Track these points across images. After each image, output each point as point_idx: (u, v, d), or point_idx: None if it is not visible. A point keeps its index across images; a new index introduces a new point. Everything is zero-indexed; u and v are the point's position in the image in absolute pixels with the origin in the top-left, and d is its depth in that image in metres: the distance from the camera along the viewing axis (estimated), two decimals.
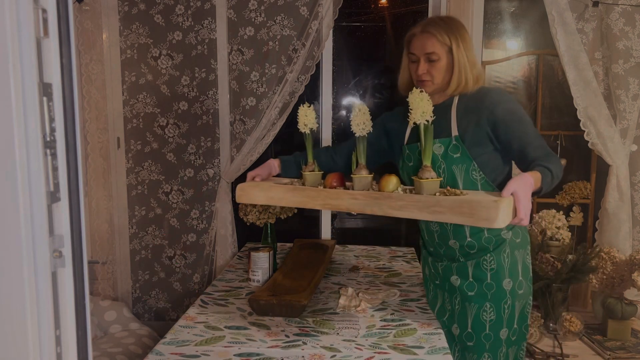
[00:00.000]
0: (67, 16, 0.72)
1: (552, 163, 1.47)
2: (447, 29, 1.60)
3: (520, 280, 1.65)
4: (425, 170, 1.49)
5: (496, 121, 1.57)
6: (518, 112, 1.59)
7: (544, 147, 1.52)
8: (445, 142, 1.60)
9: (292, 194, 1.64)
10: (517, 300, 1.64)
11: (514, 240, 1.66)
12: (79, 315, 0.75)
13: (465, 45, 1.61)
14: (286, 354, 1.46)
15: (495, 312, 1.62)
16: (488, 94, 1.61)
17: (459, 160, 1.58)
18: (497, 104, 1.57)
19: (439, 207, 1.41)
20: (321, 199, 1.59)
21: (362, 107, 1.61)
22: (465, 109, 1.62)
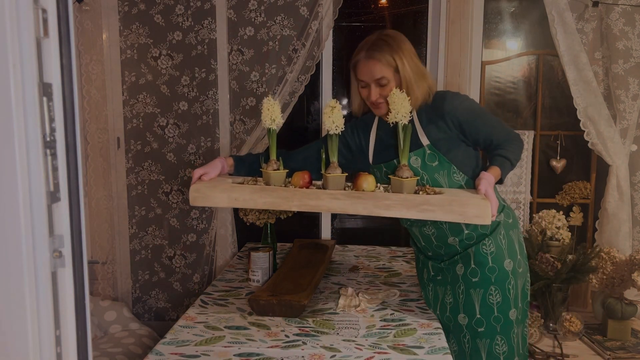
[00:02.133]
0: (67, 16, 0.72)
1: (512, 147, 1.62)
2: (390, 50, 1.59)
3: (519, 259, 1.70)
4: (404, 169, 1.49)
5: (461, 122, 1.62)
6: (476, 108, 1.67)
7: (504, 130, 1.66)
8: (420, 152, 1.63)
9: (261, 194, 1.46)
10: (519, 279, 1.68)
11: (507, 221, 1.72)
12: (79, 315, 0.75)
13: (409, 61, 1.60)
14: (286, 354, 1.46)
15: (501, 294, 1.65)
16: (445, 99, 1.64)
17: (438, 168, 1.62)
18: (457, 106, 1.62)
19: (428, 205, 1.40)
20: (297, 199, 1.45)
21: (335, 103, 1.52)
22: (428, 118, 1.65)
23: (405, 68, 1.58)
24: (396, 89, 1.51)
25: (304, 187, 1.52)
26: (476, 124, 1.63)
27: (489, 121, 1.66)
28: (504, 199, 1.80)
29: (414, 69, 1.60)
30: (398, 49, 1.59)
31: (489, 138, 1.65)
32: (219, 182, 1.55)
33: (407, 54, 1.60)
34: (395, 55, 1.58)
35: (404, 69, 1.58)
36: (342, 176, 1.51)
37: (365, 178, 1.50)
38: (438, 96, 1.66)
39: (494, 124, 1.67)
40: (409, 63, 1.59)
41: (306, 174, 1.55)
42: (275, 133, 1.60)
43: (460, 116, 1.61)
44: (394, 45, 1.59)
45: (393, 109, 1.48)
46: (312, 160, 1.74)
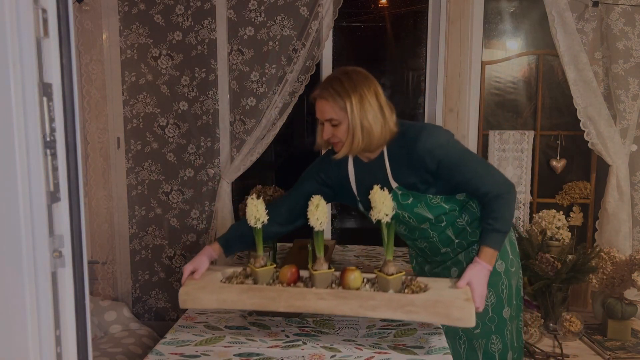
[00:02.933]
0: (67, 16, 0.72)
1: (503, 210, 1.52)
2: (343, 91, 1.50)
3: (511, 259, 1.67)
4: (389, 265, 1.48)
5: (437, 168, 1.53)
6: (455, 153, 1.53)
7: (492, 179, 1.53)
8: (393, 196, 1.56)
9: (249, 295, 1.48)
10: (513, 278, 1.67)
11: None
12: (79, 315, 0.75)
13: (364, 104, 1.50)
14: (286, 354, 1.46)
15: (495, 294, 1.64)
16: (418, 139, 1.52)
17: (414, 203, 1.59)
18: (431, 149, 1.51)
19: (413, 306, 1.41)
20: (284, 300, 1.45)
21: (320, 200, 1.50)
22: (399, 158, 1.57)
23: (354, 112, 1.49)
24: (376, 187, 1.46)
25: (292, 281, 1.53)
26: (454, 174, 1.53)
27: (472, 169, 1.53)
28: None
29: (369, 113, 1.50)
30: (352, 91, 1.50)
31: (474, 189, 1.55)
32: (209, 280, 1.57)
33: (362, 96, 1.50)
34: (346, 98, 1.49)
35: (353, 113, 1.49)
36: (329, 272, 1.51)
37: (352, 274, 1.50)
38: (412, 133, 1.54)
39: (480, 172, 1.53)
40: (361, 107, 1.49)
41: (293, 267, 1.56)
42: (261, 231, 1.59)
43: (437, 162, 1.52)
44: (348, 86, 1.50)
45: (375, 207, 1.46)
46: (296, 213, 1.71)
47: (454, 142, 1.56)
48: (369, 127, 1.51)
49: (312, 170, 1.76)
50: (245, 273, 1.62)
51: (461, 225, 1.64)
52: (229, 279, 1.59)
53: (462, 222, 1.63)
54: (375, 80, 1.56)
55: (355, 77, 1.53)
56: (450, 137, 1.56)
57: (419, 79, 3.14)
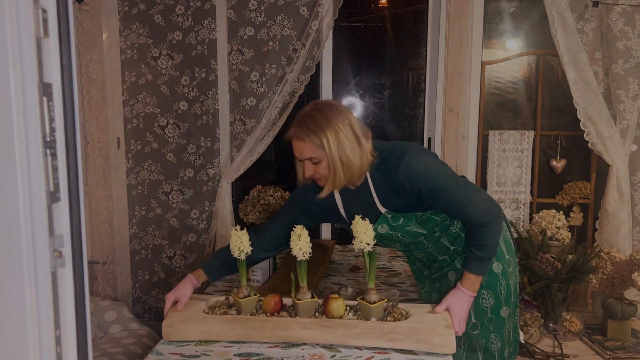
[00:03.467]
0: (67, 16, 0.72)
1: (487, 237, 1.52)
2: (317, 128, 1.48)
3: (507, 259, 1.66)
4: (372, 293, 1.50)
5: (418, 195, 1.53)
6: (436, 181, 1.51)
7: (476, 207, 1.51)
8: (383, 220, 1.60)
9: (232, 325, 1.49)
10: (510, 278, 1.66)
11: None
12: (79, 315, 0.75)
13: (339, 138, 1.48)
14: (286, 354, 1.46)
15: (494, 295, 1.64)
16: (398, 166, 1.51)
17: (405, 223, 1.60)
18: (410, 179, 1.50)
19: (395, 334, 1.44)
20: (268, 330, 1.48)
21: (302, 231, 1.51)
22: (381, 185, 1.57)
23: (332, 149, 1.47)
24: (357, 217, 1.47)
25: (275, 310, 1.55)
26: (436, 200, 1.53)
27: (454, 197, 1.51)
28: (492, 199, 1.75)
29: (346, 147, 1.48)
30: (327, 127, 1.48)
31: (457, 215, 1.56)
32: (192, 311, 1.58)
33: (337, 131, 1.48)
34: (322, 135, 1.47)
35: (331, 150, 1.48)
36: (312, 302, 1.53)
37: (335, 302, 1.52)
38: (393, 160, 1.52)
39: (462, 200, 1.51)
40: (338, 142, 1.47)
41: (277, 296, 1.57)
42: (245, 263, 1.60)
43: (416, 189, 1.52)
44: (322, 122, 1.48)
45: (357, 237, 1.47)
46: (280, 240, 1.73)
47: (436, 167, 1.52)
48: (349, 161, 1.49)
49: (296, 199, 1.75)
50: (229, 302, 1.64)
51: (455, 232, 1.64)
52: (212, 309, 1.61)
53: (455, 229, 1.64)
54: (348, 111, 1.54)
55: (328, 111, 1.50)
56: (432, 162, 1.53)
57: (419, 79, 3.14)
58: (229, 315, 1.55)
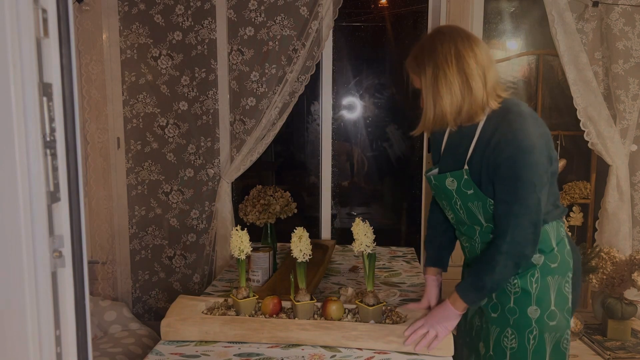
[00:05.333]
0: (67, 16, 0.71)
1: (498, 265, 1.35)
2: (420, 60, 1.38)
3: (552, 310, 1.44)
4: (370, 296, 1.50)
5: (495, 174, 1.35)
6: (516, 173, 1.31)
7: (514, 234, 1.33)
8: (458, 175, 1.42)
9: (231, 326, 1.49)
10: (547, 332, 1.44)
11: (548, 265, 1.45)
12: (79, 315, 0.75)
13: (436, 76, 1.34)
14: (286, 354, 1.46)
15: (518, 340, 1.45)
16: (506, 129, 1.33)
17: (473, 198, 1.41)
18: (502, 153, 1.32)
19: (394, 336, 1.44)
20: (267, 331, 1.48)
21: (303, 233, 1.52)
22: (486, 140, 1.37)
23: (427, 82, 1.35)
24: (357, 219, 1.46)
25: (274, 312, 1.55)
26: (497, 188, 1.35)
27: (511, 203, 1.33)
28: (567, 237, 1.51)
29: (442, 82, 1.33)
30: (427, 59, 1.36)
31: (495, 219, 1.39)
32: (191, 312, 1.58)
33: (437, 65, 1.34)
34: (421, 67, 1.37)
35: (426, 83, 1.36)
36: (311, 303, 1.53)
37: (334, 305, 1.52)
38: (509, 124, 1.34)
39: (514, 212, 1.32)
40: (434, 77, 1.34)
41: (275, 298, 1.57)
42: (244, 263, 1.60)
43: (497, 169, 1.34)
44: (426, 53, 1.37)
45: (357, 239, 1.46)
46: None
47: (532, 163, 1.31)
48: (442, 102, 1.34)
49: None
50: (227, 304, 1.64)
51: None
52: (211, 310, 1.61)
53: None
54: (465, 43, 1.35)
55: (437, 41, 1.36)
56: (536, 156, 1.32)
57: None
58: (228, 316, 1.56)
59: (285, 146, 3.49)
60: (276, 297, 1.59)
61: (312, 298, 1.55)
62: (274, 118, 2.76)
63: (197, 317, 1.54)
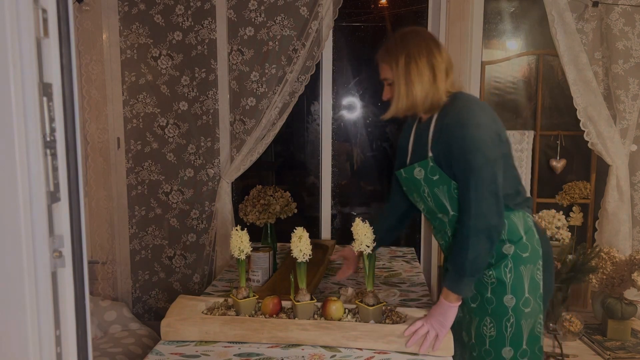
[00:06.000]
0: (67, 16, 0.71)
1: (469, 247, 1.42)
2: (392, 50, 1.52)
3: (526, 297, 1.53)
4: (370, 296, 1.51)
5: (452, 158, 1.47)
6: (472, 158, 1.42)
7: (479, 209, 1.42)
8: (424, 164, 1.54)
9: (231, 326, 1.49)
10: (523, 319, 1.53)
11: (520, 255, 1.54)
12: (79, 315, 0.75)
13: (408, 66, 1.49)
14: (286, 354, 1.46)
15: (496, 328, 1.54)
16: (454, 114, 1.48)
17: (439, 182, 1.52)
18: (456, 137, 1.45)
19: (394, 336, 1.44)
20: (266, 331, 1.48)
21: (303, 233, 1.53)
22: (439, 127, 1.52)
23: (398, 72, 1.50)
24: (357, 219, 1.49)
25: (274, 312, 1.55)
26: (459, 175, 1.46)
27: (477, 186, 1.42)
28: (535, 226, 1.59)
29: (412, 73, 1.48)
30: (400, 50, 1.50)
31: (461, 202, 1.48)
32: (191, 312, 1.58)
33: (409, 56, 1.49)
34: (393, 57, 1.51)
35: (398, 72, 1.50)
36: (311, 304, 1.53)
37: (334, 304, 1.52)
38: (461, 115, 1.47)
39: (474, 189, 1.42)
40: (406, 67, 1.48)
41: (275, 298, 1.57)
42: (244, 263, 1.61)
43: (451, 150, 1.47)
44: (398, 46, 1.51)
45: (356, 239, 1.48)
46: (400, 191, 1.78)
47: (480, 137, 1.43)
48: (413, 89, 1.49)
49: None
50: (227, 304, 1.64)
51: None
52: (211, 310, 1.60)
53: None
54: (435, 44, 1.53)
55: (410, 38, 1.53)
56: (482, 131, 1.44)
57: None
58: (228, 316, 1.56)
59: (285, 146, 3.49)
60: (276, 297, 1.59)
61: (312, 298, 1.55)
62: (274, 118, 2.76)
63: (197, 317, 1.54)
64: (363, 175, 3.59)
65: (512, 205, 1.54)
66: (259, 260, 2.07)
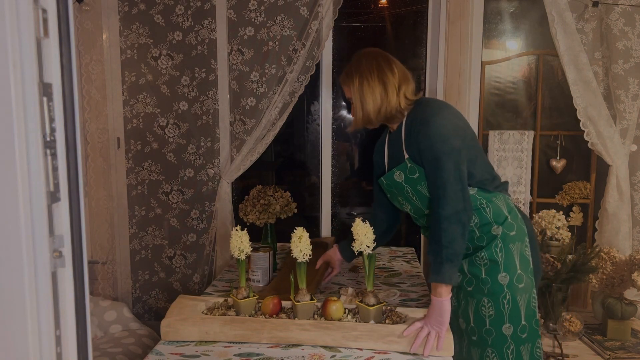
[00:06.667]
0: (67, 16, 0.72)
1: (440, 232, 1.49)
2: (349, 72, 1.68)
3: (519, 274, 1.60)
4: (370, 296, 1.51)
5: (422, 158, 1.59)
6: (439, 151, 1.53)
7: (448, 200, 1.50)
8: (403, 167, 1.65)
9: (231, 326, 1.50)
10: (519, 295, 1.59)
11: (507, 234, 1.61)
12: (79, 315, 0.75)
13: (361, 85, 1.64)
14: (286, 354, 1.46)
15: (495, 307, 1.59)
16: (424, 123, 1.58)
17: (420, 179, 1.61)
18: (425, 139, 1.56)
19: (394, 336, 1.45)
20: (266, 331, 1.49)
21: (303, 233, 1.54)
22: (408, 129, 1.64)
23: (354, 91, 1.66)
24: (358, 219, 1.52)
25: (274, 312, 1.56)
26: (427, 166, 1.57)
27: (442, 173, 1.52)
28: (516, 207, 1.70)
29: (366, 91, 1.63)
30: (355, 71, 1.66)
31: (430, 192, 1.58)
32: (191, 312, 1.58)
33: (362, 76, 1.64)
34: (349, 78, 1.67)
35: (353, 92, 1.66)
36: (311, 304, 1.53)
37: (334, 304, 1.53)
38: (424, 113, 1.60)
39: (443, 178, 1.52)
40: (360, 86, 1.64)
41: (275, 298, 1.58)
42: (244, 263, 1.61)
43: (420, 150, 1.58)
44: (354, 67, 1.67)
45: (357, 239, 1.50)
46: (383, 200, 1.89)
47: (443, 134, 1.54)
48: (367, 105, 1.64)
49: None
50: (227, 304, 1.64)
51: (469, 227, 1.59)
52: (211, 310, 1.60)
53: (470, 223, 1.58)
54: (384, 60, 1.67)
55: (364, 60, 1.67)
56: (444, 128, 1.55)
57: (419, 79, 3.14)
58: (228, 316, 1.56)
59: (285, 146, 3.49)
60: (276, 297, 1.59)
61: (312, 298, 1.55)
62: (274, 118, 2.76)
63: (197, 317, 1.54)
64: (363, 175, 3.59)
65: (492, 188, 1.64)
66: (259, 260, 2.07)
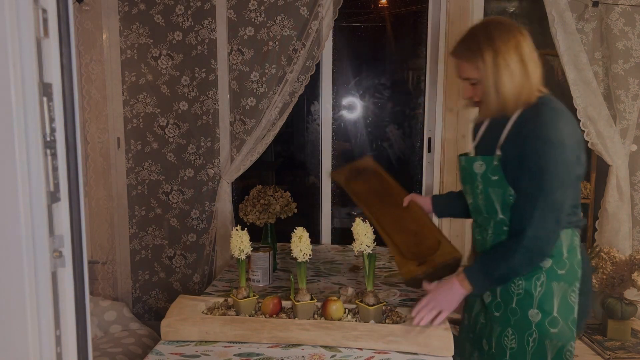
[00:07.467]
0: (67, 16, 0.72)
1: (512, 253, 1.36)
2: (476, 48, 1.39)
3: (554, 317, 1.42)
4: (370, 296, 1.51)
5: (520, 165, 1.36)
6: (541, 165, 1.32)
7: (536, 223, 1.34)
8: (489, 160, 1.44)
9: (231, 326, 1.50)
10: (548, 339, 1.43)
11: (555, 270, 1.44)
12: (79, 315, 0.75)
13: (497, 63, 1.36)
14: (286, 354, 1.46)
15: (517, 341, 1.45)
16: (538, 123, 1.35)
17: (495, 184, 1.43)
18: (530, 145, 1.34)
19: (394, 336, 1.44)
20: (267, 331, 1.49)
21: (303, 233, 1.54)
22: (518, 130, 1.40)
23: (488, 71, 1.37)
24: (358, 219, 1.47)
25: (274, 312, 1.56)
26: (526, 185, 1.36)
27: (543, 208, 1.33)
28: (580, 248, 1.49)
29: (503, 72, 1.36)
30: (485, 47, 1.37)
31: (516, 211, 1.39)
32: (191, 312, 1.58)
33: (497, 51, 1.36)
34: (479, 56, 1.37)
35: (487, 72, 1.37)
36: (311, 303, 1.54)
37: (334, 304, 1.53)
38: (542, 119, 1.36)
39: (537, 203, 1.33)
40: (495, 65, 1.36)
41: (275, 298, 1.58)
42: (244, 263, 1.61)
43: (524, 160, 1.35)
44: (482, 42, 1.37)
45: (357, 239, 1.48)
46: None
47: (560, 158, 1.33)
48: (504, 89, 1.36)
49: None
50: (227, 304, 1.64)
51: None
52: (211, 310, 1.61)
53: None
54: (519, 32, 1.41)
55: (494, 30, 1.39)
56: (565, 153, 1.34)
57: (419, 79, 3.15)
58: (228, 316, 1.56)
59: (285, 146, 3.49)
60: (276, 297, 1.59)
61: (312, 298, 1.55)
62: (274, 118, 2.76)
63: (197, 317, 1.55)
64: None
65: (565, 223, 1.43)
66: (259, 260, 2.07)
